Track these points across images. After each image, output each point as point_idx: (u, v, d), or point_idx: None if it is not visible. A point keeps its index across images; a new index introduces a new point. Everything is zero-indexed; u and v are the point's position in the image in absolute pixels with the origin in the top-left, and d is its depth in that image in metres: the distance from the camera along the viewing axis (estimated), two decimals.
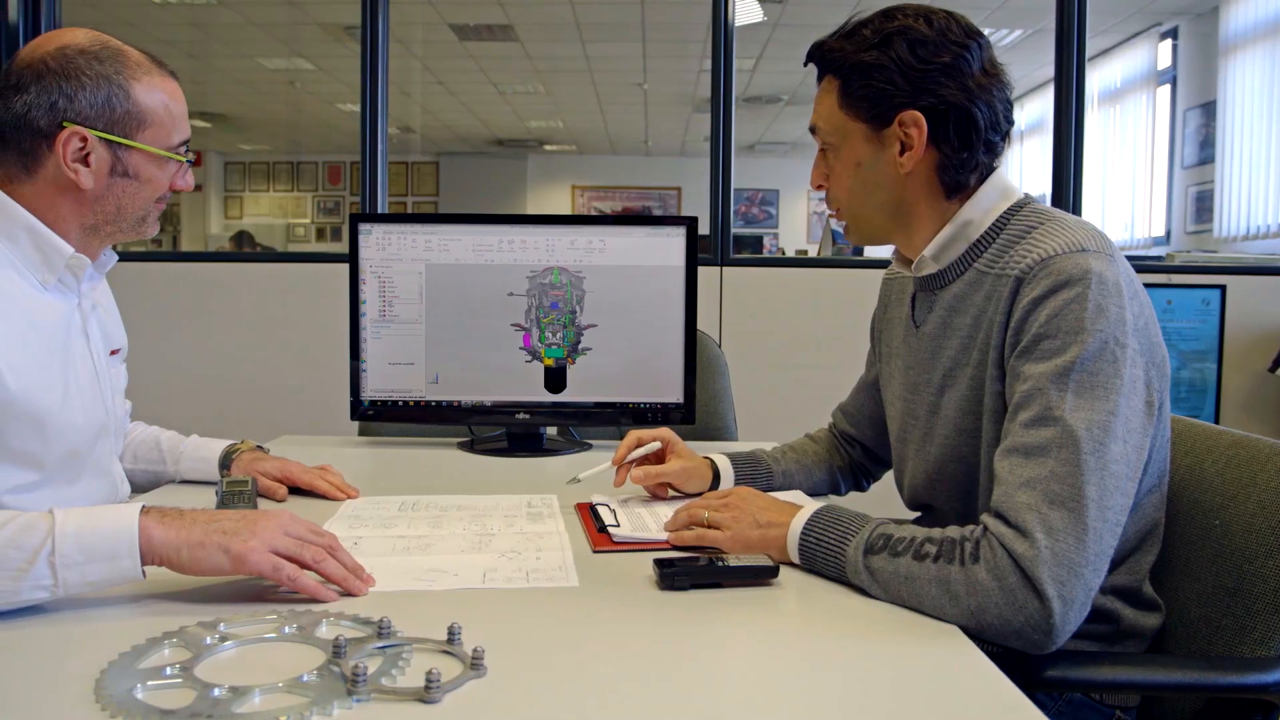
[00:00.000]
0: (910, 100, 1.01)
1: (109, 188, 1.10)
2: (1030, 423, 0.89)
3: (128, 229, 1.15)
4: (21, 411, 1.03)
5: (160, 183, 1.14)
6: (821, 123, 1.09)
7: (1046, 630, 0.82)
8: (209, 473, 1.33)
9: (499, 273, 1.62)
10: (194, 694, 0.66)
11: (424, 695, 0.66)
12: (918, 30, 1.01)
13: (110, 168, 1.09)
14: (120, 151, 1.09)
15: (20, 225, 1.07)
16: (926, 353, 1.10)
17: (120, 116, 1.08)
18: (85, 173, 1.07)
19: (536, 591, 0.91)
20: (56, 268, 1.10)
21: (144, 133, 1.10)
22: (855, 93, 1.03)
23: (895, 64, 1.00)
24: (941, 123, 1.01)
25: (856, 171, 1.07)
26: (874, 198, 1.07)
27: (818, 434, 1.41)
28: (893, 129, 1.02)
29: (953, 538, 0.88)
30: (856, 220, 1.11)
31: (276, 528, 0.87)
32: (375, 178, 2.89)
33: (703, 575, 0.91)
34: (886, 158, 1.04)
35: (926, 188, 1.05)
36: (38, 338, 1.07)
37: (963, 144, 1.02)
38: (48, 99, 1.04)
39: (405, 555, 1.01)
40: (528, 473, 1.50)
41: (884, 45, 1.01)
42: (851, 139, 1.06)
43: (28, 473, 1.07)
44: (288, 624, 0.79)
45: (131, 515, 0.84)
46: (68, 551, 0.81)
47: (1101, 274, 0.92)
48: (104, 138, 1.07)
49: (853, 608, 0.88)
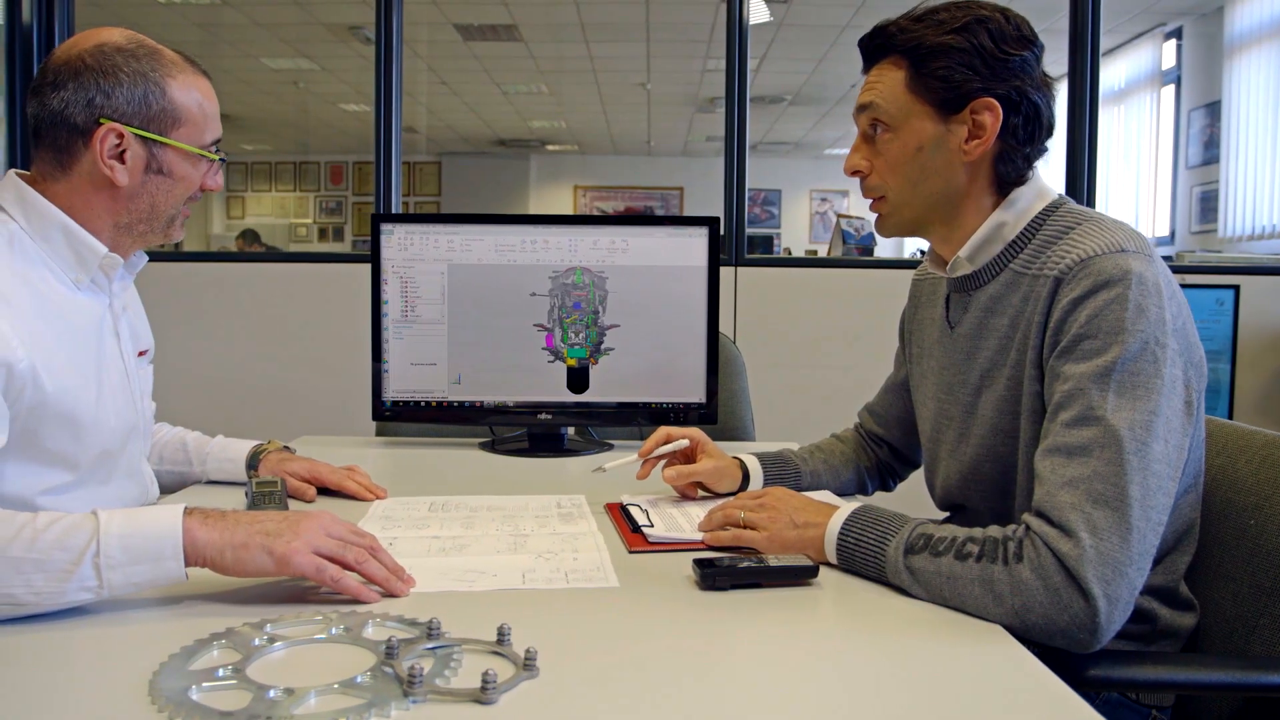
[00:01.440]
0: (986, 87, 1.00)
1: (143, 185, 1.09)
2: (1072, 423, 0.89)
3: (159, 229, 1.15)
4: (56, 412, 1.03)
5: (193, 181, 1.14)
6: (883, 102, 1.04)
7: (1092, 629, 0.82)
8: (235, 473, 1.33)
9: (521, 273, 1.62)
10: (249, 695, 0.66)
11: (480, 696, 0.66)
12: (998, 21, 1.01)
13: (145, 165, 1.09)
14: (155, 149, 1.09)
15: (55, 225, 1.07)
16: (962, 354, 1.10)
17: (156, 114, 1.08)
18: (121, 169, 1.07)
19: (578, 592, 0.91)
20: (90, 268, 1.09)
21: (178, 130, 1.10)
22: (930, 73, 1.01)
23: (976, 50, 1.00)
24: (1014, 114, 1.01)
25: (915, 156, 1.04)
26: (928, 184, 1.05)
27: (844, 434, 1.41)
28: (962, 115, 1.01)
29: (995, 537, 0.88)
30: (900, 208, 1.08)
31: (319, 529, 0.87)
32: (389, 178, 2.88)
33: (743, 575, 0.91)
34: (951, 144, 1.03)
35: (981, 180, 1.05)
36: (72, 338, 1.07)
37: (1028, 138, 1.02)
38: (85, 95, 1.04)
39: (442, 556, 1.01)
40: (551, 473, 1.50)
41: (965, 30, 1.00)
42: (915, 121, 1.03)
43: (62, 474, 1.07)
44: (334, 625, 0.79)
45: (175, 516, 0.84)
46: (113, 553, 0.80)
47: (1141, 274, 0.92)
48: (140, 135, 1.07)
49: (893, 607, 0.88)
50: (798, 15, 6.00)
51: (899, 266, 3.13)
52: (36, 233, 1.06)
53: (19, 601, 0.79)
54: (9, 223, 1.05)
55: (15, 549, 0.79)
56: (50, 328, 1.03)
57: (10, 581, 0.78)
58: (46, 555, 0.79)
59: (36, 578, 0.79)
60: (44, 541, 0.80)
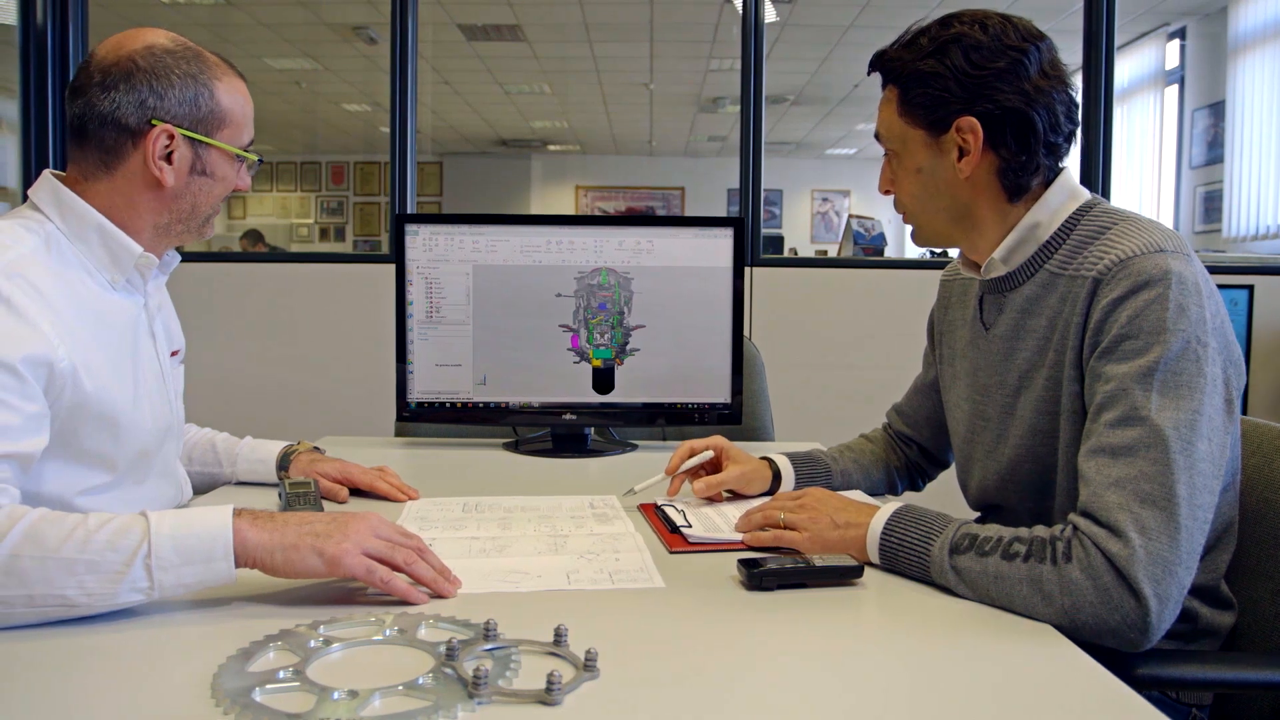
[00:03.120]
0: (965, 106, 1.01)
1: (187, 186, 1.10)
2: (1116, 423, 0.89)
3: (195, 229, 1.15)
4: (96, 413, 1.03)
5: (231, 182, 1.15)
6: (884, 130, 1.10)
7: (1143, 629, 0.82)
8: (266, 474, 1.33)
9: (547, 274, 1.62)
10: (314, 697, 0.66)
11: (545, 698, 0.66)
12: (973, 37, 1.01)
13: (190, 166, 1.09)
14: (201, 150, 1.10)
15: (91, 225, 1.06)
16: (998, 355, 1.10)
17: (205, 115, 1.09)
18: (169, 170, 1.07)
19: (625, 593, 0.91)
20: (125, 267, 1.09)
21: (223, 131, 1.11)
22: (913, 100, 1.05)
23: (950, 71, 1.01)
24: (998, 128, 1.01)
25: (918, 177, 1.08)
26: (936, 202, 1.08)
27: (873, 434, 1.41)
28: (950, 135, 1.03)
29: (1042, 537, 0.88)
30: (921, 224, 1.12)
31: (367, 530, 0.87)
32: (405, 178, 2.88)
33: (789, 576, 0.92)
34: (946, 164, 1.05)
35: (988, 192, 1.05)
36: (109, 338, 1.07)
37: (1021, 148, 1.02)
38: (137, 96, 1.05)
39: (483, 557, 1.01)
40: (577, 473, 1.50)
41: (940, 53, 1.02)
42: (911, 146, 1.07)
43: (100, 474, 1.07)
44: (389, 627, 0.79)
45: (225, 517, 0.84)
46: (164, 554, 0.80)
47: (1181, 274, 0.92)
48: (189, 136, 1.08)
49: (939, 607, 0.89)
50: (801, 15, 6.00)
51: (912, 267, 3.13)
52: (73, 233, 1.06)
53: (71, 603, 0.79)
54: (45, 223, 1.05)
55: (68, 550, 0.79)
56: (88, 328, 1.03)
57: (63, 583, 0.78)
58: (99, 556, 0.79)
59: (89, 579, 0.79)
60: (96, 543, 0.80)
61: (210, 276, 2.98)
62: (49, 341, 0.96)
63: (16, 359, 0.92)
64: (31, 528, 0.80)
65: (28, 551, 0.78)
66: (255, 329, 2.92)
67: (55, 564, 0.78)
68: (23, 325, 0.94)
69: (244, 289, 2.97)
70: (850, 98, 8.34)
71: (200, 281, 2.93)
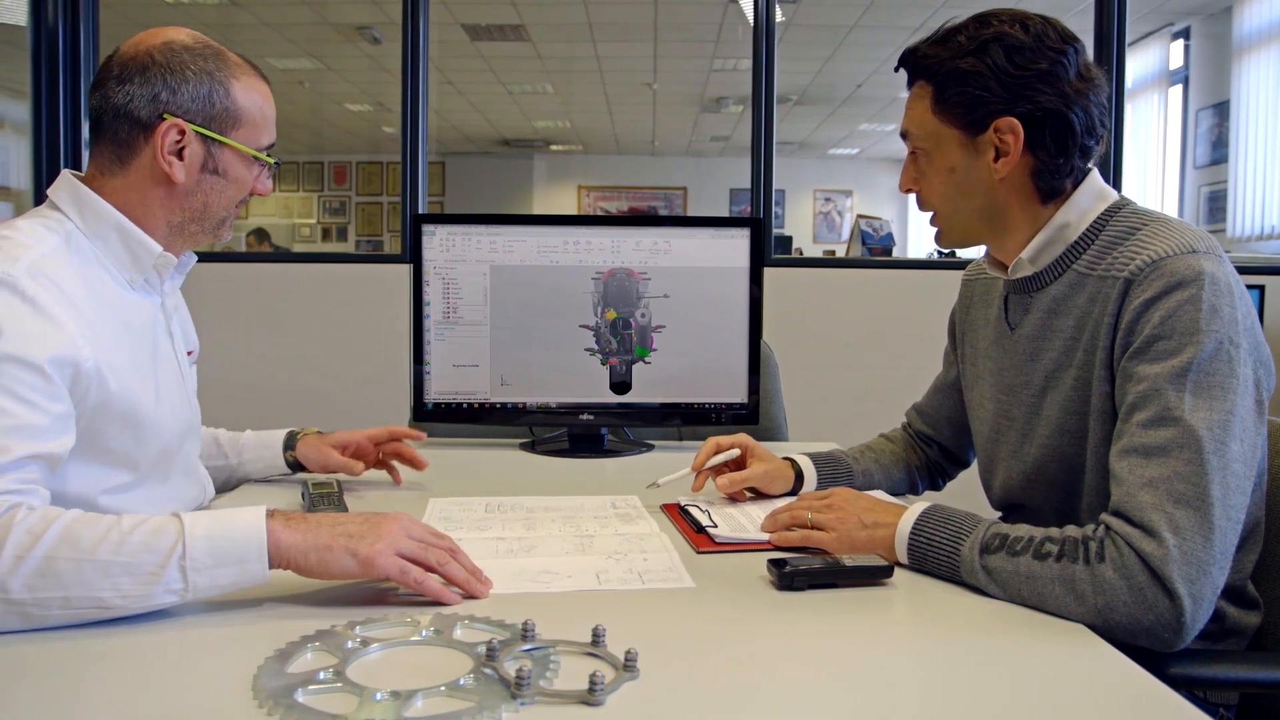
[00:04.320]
0: (1007, 107, 1.01)
1: (199, 183, 1.09)
2: (1148, 423, 0.89)
3: (209, 230, 1.14)
4: (120, 412, 1.03)
5: (245, 184, 1.14)
6: (914, 128, 1.08)
7: (1177, 629, 0.82)
8: (273, 459, 1.34)
9: (564, 274, 1.62)
10: (356, 698, 0.66)
11: (588, 698, 0.66)
12: (1014, 36, 1.00)
13: (202, 164, 1.08)
14: (214, 148, 1.08)
15: (110, 224, 1.06)
16: (1024, 355, 1.10)
17: (219, 113, 1.08)
18: (179, 166, 1.06)
19: (656, 593, 0.91)
20: (144, 267, 1.09)
21: (237, 131, 1.10)
22: (950, 99, 1.03)
23: (991, 71, 1.00)
24: (1038, 129, 1.01)
25: (950, 177, 1.06)
26: (968, 203, 1.07)
27: (893, 434, 1.41)
28: (987, 135, 1.02)
29: (1074, 537, 0.88)
30: (949, 225, 1.11)
31: (400, 531, 0.87)
32: (415, 178, 2.88)
33: (820, 576, 0.92)
34: (980, 164, 1.04)
35: (1021, 193, 1.05)
36: (130, 338, 1.07)
37: (1059, 150, 1.02)
38: (151, 90, 1.04)
39: (511, 557, 1.01)
40: (594, 473, 1.50)
41: (980, 52, 1.01)
42: (945, 145, 1.05)
43: (123, 474, 1.07)
44: (425, 627, 0.79)
45: (259, 519, 0.84)
46: (199, 555, 0.80)
47: (1214, 275, 0.92)
48: (201, 132, 1.07)
49: (970, 606, 0.89)
50: (805, 15, 6.00)
51: (922, 267, 3.13)
52: (92, 232, 1.06)
53: (106, 605, 0.79)
54: (65, 222, 1.05)
55: (103, 552, 0.79)
56: (110, 327, 1.03)
57: (99, 585, 0.78)
58: (134, 558, 0.79)
59: (124, 580, 0.79)
60: (131, 544, 0.80)
61: (222, 276, 2.98)
62: (75, 342, 0.95)
63: (44, 359, 0.91)
64: (66, 530, 0.80)
65: (63, 553, 0.78)
66: (266, 329, 2.92)
67: (91, 566, 0.78)
68: (49, 325, 0.93)
69: (255, 289, 2.97)
70: (853, 98, 8.34)
71: (211, 281, 2.92)
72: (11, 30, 4.50)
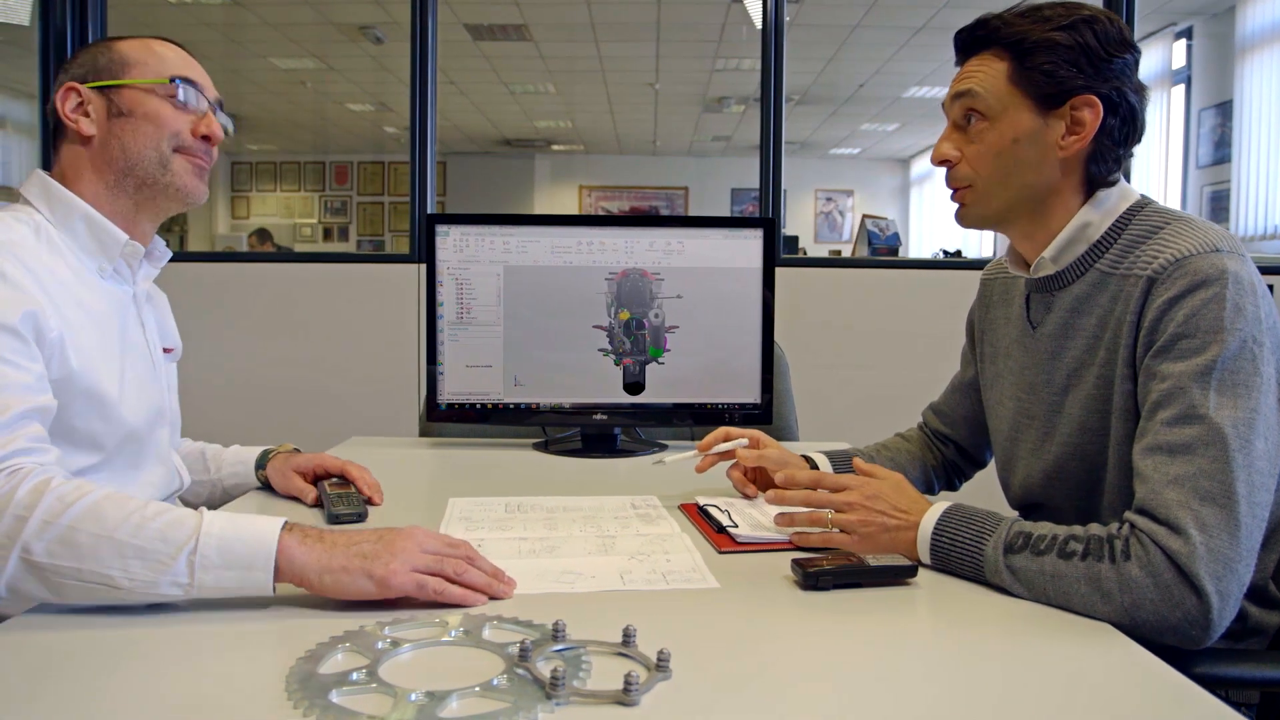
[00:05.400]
0: (1090, 85, 1.01)
1: (110, 131, 1.12)
2: (1173, 421, 0.90)
3: (151, 180, 1.12)
4: (82, 388, 1.05)
5: (164, 118, 1.13)
6: (983, 91, 1.05)
7: (1204, 626, 0.82)
8: (246, 474, 1.34)
9: (578, 274, 1.62)
10: (390, 699, 0.66)
11: (622, 698, 0.66)
12: (1103, 24, 1.02)
13: (106, 112, 1.12)
14: (112, 95, 1.12)
15: (77, 214, 1.11)
16: (1045, 353, 1.10)
17: (104, 65, 1.14)
18: (86, 121, 1.12)
19: (681, 593, 0.91)
20: (113, 255, 1.13)
21: (130, 72, 1.14)
22: (1034, 67, 1.02)
23: (1082, 47, 1.01)
24: (1113, 113, 1.02)
25: (1011, 147, 1.04)
26: (1020, 177, 1.05)
27: (909, 433, 1.41)
28: (1062, 110, 1.02)
29: (1099, 535, 0.88)
30: (987, 198, 1.08)
31: (414, 546, 0.87)
32: (425, 178, 2.88)
33: (845, 576, 0.92)
34: (1047, 138, 1.03)
35: (1072, 178, 1.05)
36: (96, 323, 1.09)
37: (1123, 138, 1.03)
38: (58, 81, 1.14)
39: (534, 558, 1.01)
40: (608, 473, 1.50)
41: (1072, 28, 1.01)
42: (1014, 113, 1.04)
43: (89, 455, 1.08)
44: (454, 628, 0.79)
45: (273, 530, 0.84)
46: (209, 553, 0.81)
47: (1237, 274, 0.93)
48: (92, 86, 1.12)
49: (995, 605, 0.89)
50: (807, 15, 6.00)
51: (930, 267, 3.13)
52: (61, 223, 1.10)
53: (115, 584, 0.80)
54: (35, 214, 1.10)
55: (123, 532, 0.81)
56: (75, 310, 1.06)
57: (111, 563, 0.80)
58: (149, 544, 0.81)
59: (135, 564, 0.80)
60: (149, 530, 0.81)
61: (225, 277, 2.98)
62: (42, 307, 0.99)
63: (15, 319, 0.95)
64: (95, 504, 0.82)
65: (86, 526, 0.81)
66: (270, 329, 2.92)
67: (108, 544, 0.80)
68: (16, 290, 0.97)
69: (259, 289, 2.96)
70: (855, 97, 8.35)
71: (214, 282, 2.92)
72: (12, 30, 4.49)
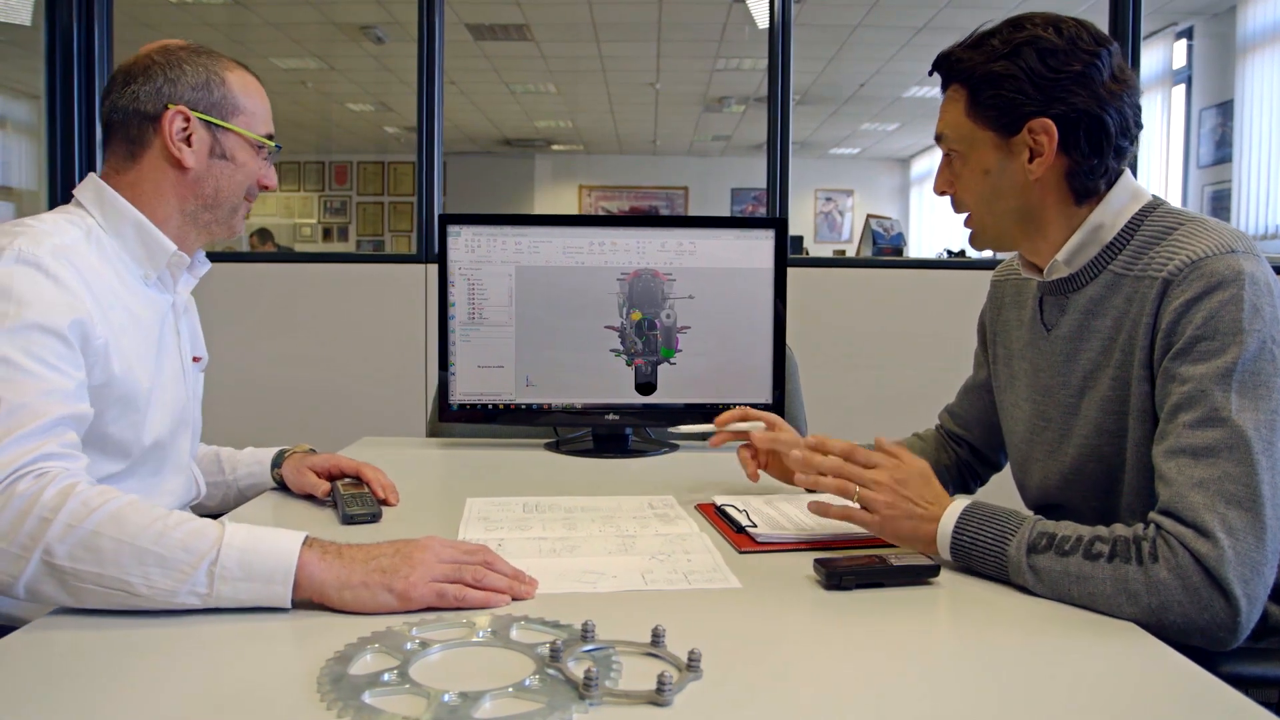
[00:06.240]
0: (1041, 109, 1.02)
1: (209, 169, 1.14)
2: (1195, 424, 0.90)
3: (222, 219, 1.19)
4: (120, 394, 1.06)
5: (252, 170, 1.19)
6: (949, 131, 1.09)
7: (1232, 628, 0.83)
8: (262, 474, 1.35)
9: (590, 274, 1.62)
10: (424, 700, 0.66)
11: (656, 698, 0.66)
12: (1048, 40, 1.01)
13: (210, 149, 1.14)
14: (219, 133, 1.15)
15: (128, 221, 1.12)
16: (1060, 356, 1.10)
17: (218, 100, 1.14)
18: (188, 151, 1.12)
19: (703, 593, 0.91)
20: (159, 263, 1.14)
21: (238, 118, 1.16)
22: (984, 101, 1.04)
23: (1025, 73, 1.01)
24: (1072, 130, 1.02)
25: (985, 179, 1.07)
26: (1002, 204, 1.08)
27: (925, 434, 1.41)
28: (1021, 137, 1.03)
29: (1125, 537, 0.88)
30: (984, 227, 1.12)
31: (432, 557, 0.87)
32: (431, 178, 2.88)
33: (868, 575, 0.92)
34: (1015, 165, 1.05)
35: (1055, 194, 1.06)
36: (137, 328, 1.10)
37: (1093, 150, 1.03)
38: (154, 86, 1.11)
39: (554, 557, 1.01)
40: (620, 473, 1.50)
41: (1013, 55, 1.02)
42: (979, 147, 1.06)
43: (117, 462, 1.09)
44: (481, 628, 0.79)
45: (294, 546, 0.84)
46: (229, 565, 0.81)
47: (1254, 274, 0.93)
48: (204, 119, 1.13)
49: (1017, 605, 0.89)
50: (809, 15, 6.00)
51: (937, 267, 3.14)
52: (112, 229, 1.11)
53: (134, 592, 0.80)
54: (86, 218, 1.11)
55: (144, 540, 0.81)
56: (120, 314, 1.07)
57: (131, 570, 0.80)
58: (170, 553, 0.81)
59: (155, 572, 0.80)
60: (171, 539, 0.81)
61: (229, 277, 2.97)
62: (90, 314, 1.00)
63: (64, 325, 0.96)
64: (118, 511, 0.83)
65: (109, 531, 0.81)
66: (275, 330, 2.91)
67: (130, 550, 0.80)
68: (68, 295, 0.99)
69: (264, 289, 2.96)
70: (855, 97, 8.35)
71: (218, 282, 2.91)
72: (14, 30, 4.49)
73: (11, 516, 0.81)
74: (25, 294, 0.95)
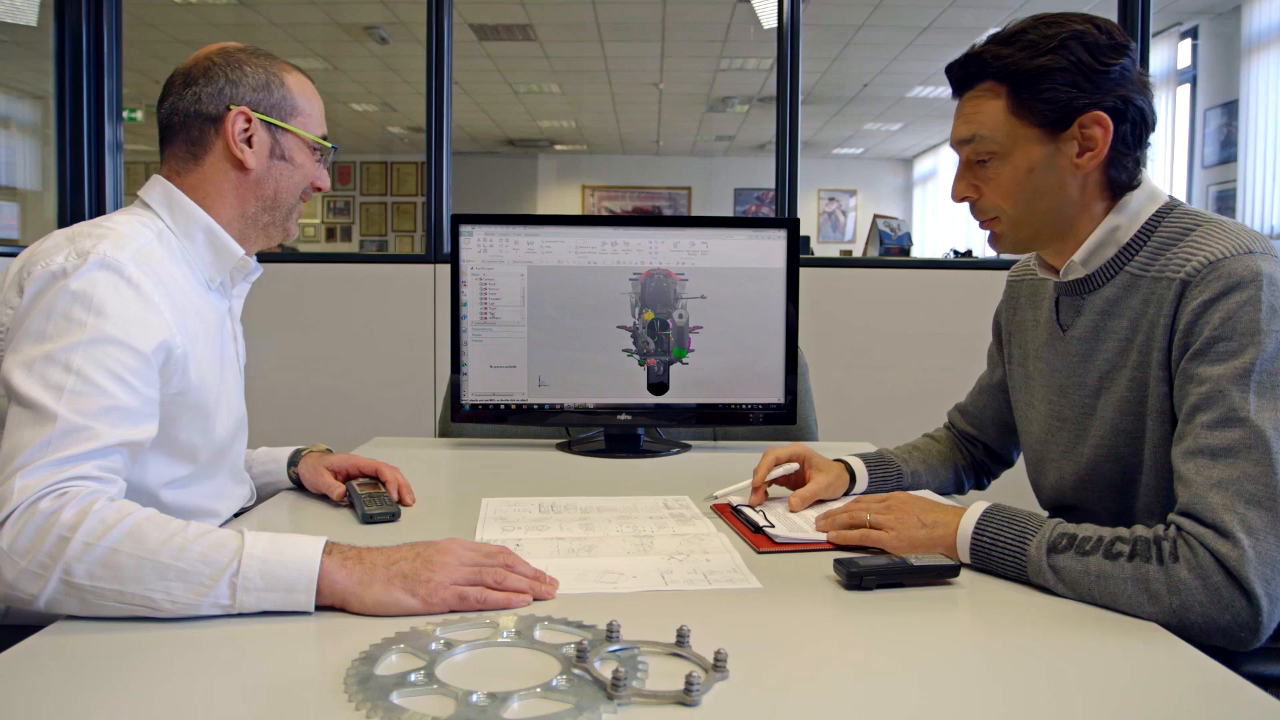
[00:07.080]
0: (1094, 101, 1.01)
1: (269, 169, 1.15)
2: (1213, 424, 0.90)
3: (279, 221, 1.19)
4: (194, 402, 1.06)
5: (309, 171, 1.19)
6: (985, 131, 1.05)
7: (1253, 628, 0.83)
8: (278, 472, 1.35)
9: (602, 274, 1.62)
10: (453, 700, 0.66)
11: (684, 698, 0.66)
12: (1091, 34, 1.01)
13: (270, 150, 1.14)
14: (279, 134, 1.15)
15: (198, 225, 1.12)
16: (1076, 356, 1.10)
17: (278, 101, 1.14)
18: (250, 153, 1.12)
19: (724, 593, 0.91)
20: (225, 267, 1.15)
21: (296, 119, 1.16)
22: (1032, 97, 1.02)
23: (1075, 66, 1.00)
24: (1122, 121, 1.02)
25: (1027, 178, 1.05)
26: (1043, 202, 1.06)
27: (937, 433, 1.41)
28: (1071, 131, 1.02)
29: (1145, 537, 0.88)
30: (1019, 226, 1.09)
31: (454, 561, 0.87)
32: (441, 179, 2.88)
33: (889, 575, 0.92)
34: (1061, 161, 1.04)
35: (1094, 189, 1.05)
36: (206, 334, 1.11)
37: (1136, 141, 1.04)
38: (215, 87, 1.11)
39: (573, 557, 1.01)
40: (632, 473, 1.51)
41: (1061, 49, 1.01)
42: (1023, 145, 1.04)
43: (184, 466, 1.09)
44: (506, 629, 0.79)
45: (315, 553, 0.84)
46: (251, 576, 0.81)
47: (1271, 275, 0.93)
48: (265, 120, 1.13)
49: (1039, 604, 0.89)
50: (812, 15, 6.00)
51: (944, 267, 3.13)
52: (181, 232, 1.12)
53: (156, 606, 0.80)
54: (156, 220, 1.11)
55: (165, 555, 0.81)
56: (192, 320, 1.07)
57: (153, 585, 0.80)
58: (191, 567, 0.81)
59: (176, 586, 0.80)
60: (191, 553, 0.81)
61: None
62: (170, 328, 1.00)
63: (143, 344, 0.95)
64: (136, 526, 0.82)
65: (128, 548, 0.81)
66: (282, 329, 2.92)
67: (150, 566, 0.80)
68: (150, 311, 0.98)
69: (270, 288, 2.94)
70: (859, 97, 8.35)
71: None
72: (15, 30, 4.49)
73: (31, 535, 0.81)
74: (106, 304, 0.93)
